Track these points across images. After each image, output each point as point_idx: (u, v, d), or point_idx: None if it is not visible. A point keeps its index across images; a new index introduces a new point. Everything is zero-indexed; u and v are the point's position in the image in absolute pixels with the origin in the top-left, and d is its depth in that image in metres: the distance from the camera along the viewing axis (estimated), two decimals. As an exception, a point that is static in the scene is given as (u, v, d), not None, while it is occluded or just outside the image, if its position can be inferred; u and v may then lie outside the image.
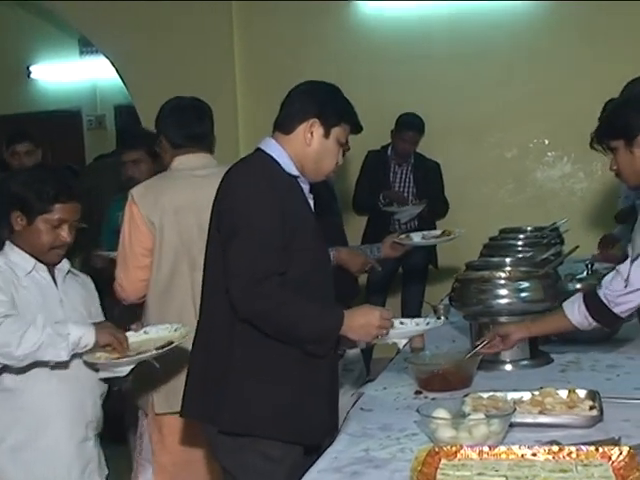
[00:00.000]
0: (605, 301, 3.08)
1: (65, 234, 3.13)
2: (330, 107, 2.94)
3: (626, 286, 3.01)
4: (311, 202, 3.01)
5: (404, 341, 3.12)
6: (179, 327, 3.24)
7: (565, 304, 3.24)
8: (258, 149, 2.97)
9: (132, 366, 3.09)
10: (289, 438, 2.84)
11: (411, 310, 6.55)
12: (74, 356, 3.03)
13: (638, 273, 2.99)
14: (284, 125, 2.96)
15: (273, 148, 2.93)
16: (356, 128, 3.05)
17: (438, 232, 4.37)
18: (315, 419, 2.89)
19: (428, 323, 3.21)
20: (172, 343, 3.12)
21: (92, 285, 3.42)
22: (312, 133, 2.91)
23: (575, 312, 3.16)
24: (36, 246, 3.13)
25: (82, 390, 3.16)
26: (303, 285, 2.83)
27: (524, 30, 7.36)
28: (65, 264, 3.25)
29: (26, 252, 3.14)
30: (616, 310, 3.09)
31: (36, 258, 3.15)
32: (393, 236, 4.23)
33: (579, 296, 3.19)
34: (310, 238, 2.89)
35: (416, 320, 3.21)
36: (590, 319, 3.13)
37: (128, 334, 3.18)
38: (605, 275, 3.19)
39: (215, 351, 2.86)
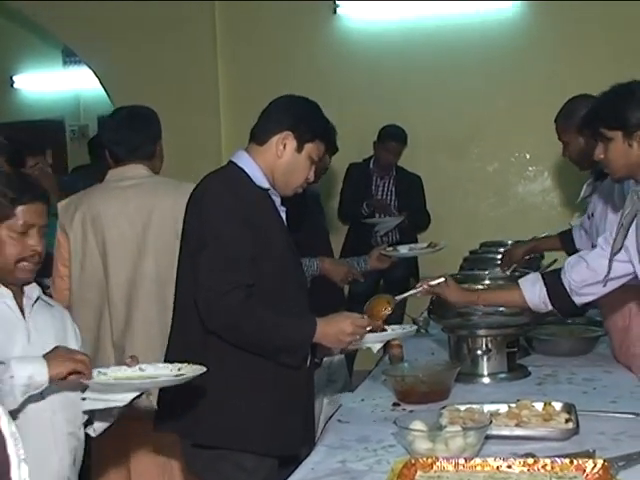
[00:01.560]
0: (568, 289, 3.10)
1: (34, 241, 2.53)
2: (306, 122, 2.94)
3: (605, 285, 3.03)
4: (283, 215, 3.01)
5: (378, 345, 3.07)
6: (182, 367, 2.54)
7: (522, 282, 3.23)
8: (230, 162, 2.98)
9: (136, 393, 2.48)
10: (263, 450, 2.84)
11: (392, 322, 6.55)
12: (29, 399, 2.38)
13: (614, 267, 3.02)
14: (258, 136, 2.97)
15: (244, 161, 2.94)
16: (332, 148, 3.07)
17: (424, 244, 4.38)
18: (290, 432, 2.88)
19: (404, 328, 3.22)
20: (183, 375, 2.49)
21: (69, 319, 2.78)
22: (285, 145, 2.92)
23: (535, 294, 3.17)
24: None
25: (45, 442, 2.53)
26: (274, 296, 2.83)
27: (507, 44, 7.39)
28: (35, 289, 2.62)
29: None
30: (576, 300, 3.11)
31: None
32: (380, 248, 4.24)
33: (538, 278, 3.20)
34: (281, 250, 2.89)
35: (392, 326, 3.20)
36: (548, 304, 3.15)
37: (122, 368, 2.56)
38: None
39: None
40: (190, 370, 2.49)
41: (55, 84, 9.98)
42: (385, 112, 7.28)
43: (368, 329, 2.91)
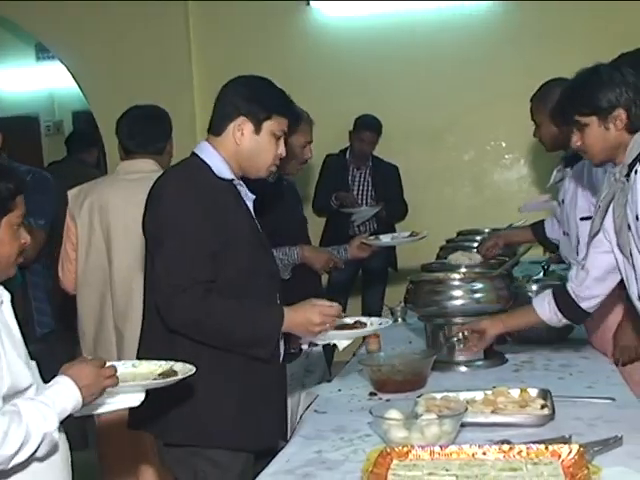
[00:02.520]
0: (573, 296, 3.12)
1: (25, 233, 2.38)
2: (258, 102, 2.86)
3: (582, 267, 3.05)
4: (250, 204, 2.96)
5: (345, 343, 2.99)
6: (173, 364, 2.48)
7: (535, 300, 3.27)
8: (193, 154, 2.92)
9: (144, 394, 2.40)
10: (236, 446, 2.80)
11: (371, 312, 6.56)
12: None
13: (593, 256, 3.03)
14: (215, 127, 2.92)
15: (206, 153, 2.89)
16: (293, 117, 2.98)
17: (407, 233, 4.35)
18: (264, 425, 2.84)
19: (380, 323, 3.09)
20: (176, 374, 2.43)
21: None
22: (242, 131, 2.86)
23: (545, 309, 3.19)
24: None
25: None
26: (240, 289, 2.78)
27: (481, 34, 7.39)
28: None
29: None
30: (583, 305, 3.12)
31: None
32: (361, 237, 4.23)
33: (548, 293, 3.22)
34: (246, 241, 2.84)
35: (372, 319, 3.12)
36: (560, 315, 3.17)
37: (116, 364, 2.40)
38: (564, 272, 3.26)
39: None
40: (181, 368, 2.44)
41: (29, 80, 9.92)
42: (361, 103, 7.26)
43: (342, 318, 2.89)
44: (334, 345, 2.99)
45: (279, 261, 3.56)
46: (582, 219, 3.55)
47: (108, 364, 2.33)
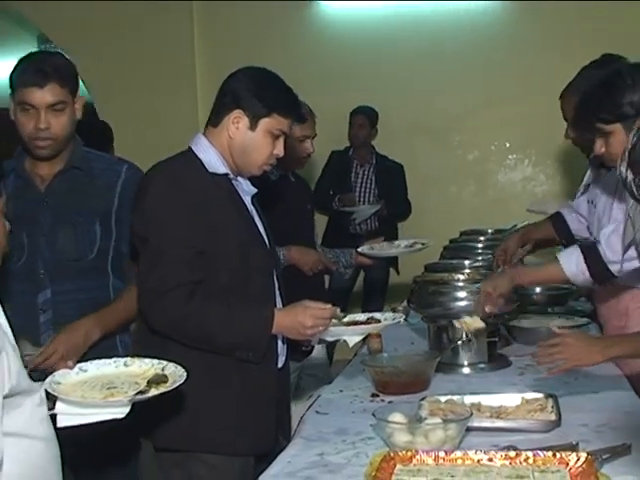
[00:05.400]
0: (603, 255, 3.01)
1: (5, 220, 2.21)
2: (258, 97, 2.75)
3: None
4: (247, 199, 2.86)
5: (356, 339, 2.94)
6: (165, 365, 2.31)
7: (561, 256, 3.16)
8: (188, 147, 2.83)
9: (130, 406, 2.19)
10: (230, 451, 2.74)
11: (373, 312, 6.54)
12: None
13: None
14: (213, 117, 2.83)
15: (200, 146, 2.80)
16: (295, 119, 2.86)
17: (407, 242, 4.15)
18: (260, 429, 2.77)
19: (394, 318, 3.04)
20: (166, 381, 2.25)
21: None
22: (237, 125, 2.76)
23: (572, 264, 3.08)
24: None
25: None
26: (233, 290, 2.70)
27: (489, 33, 7.38)
28: None
29: None
30: (612, 267, 3.01)
31: None
32: (372, 241, 4.06)
33: (576, 248, 3.13)
34: (239, 241, 2.74)
35: (386, 315, 3.08)
36: (586, 272, 3.06)
37: (103, 362, 2.33)
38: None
39: None
40: (172, 372, 2.29)
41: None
42: (364, 100, 7.24)
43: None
44: (344, 342, 2.92)
45: None
46: None
47: (101, 360, 2.31)
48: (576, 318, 3.89)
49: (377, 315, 3.07)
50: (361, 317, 3.03)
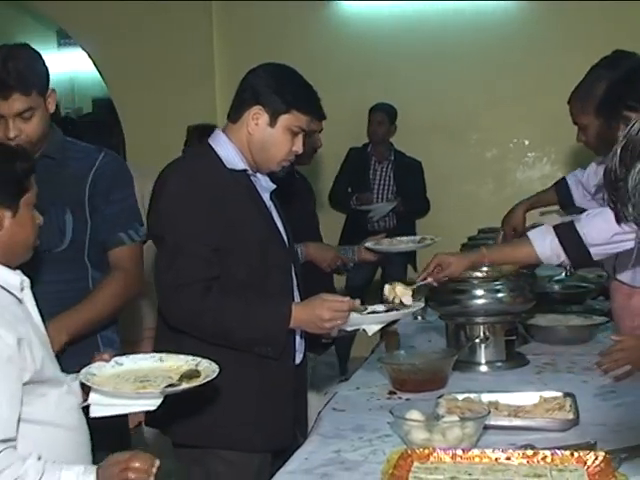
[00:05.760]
0: (583, 239, 2.96)
1: (38, 213, 2.34)
2: (277, 94, 2.75)
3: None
4: (265, 195, 2.86)
5: (375, 328, 2.89)
6: (199, 362, 2.36)
7: (532, 235, 3.11)
8: (207, 143, 2.83)
9: (161, 398, 2.21)
10: (248, 448, 2.74)
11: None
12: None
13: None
14: (232, 113, 2.83)
15: (218, 142, 2.80)
16: (315, 115, 2.86)
17: (413, 238, 4.13)
18: (277, 426, 2.78)
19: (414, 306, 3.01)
20: (199, 376, 2.28)
21: None
22: (257, 121, 2.76)
23: (546, 247, 3.04)
24: (19, 245, 2.28)
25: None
26: (252, 286, 2.71)
27: (507, 31, 7.36)
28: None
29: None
30: (592, 250, 2.97)
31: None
32: (375, 237, 4.06)
33: (549, 229, 3.06)
34: (258, 237, 2.74)
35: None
36: (562, 254, 3.01)
37: (138, 357, 2.40)
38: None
39: None
40: (205, 368, 2.33)
41: (49, 66, 9.89)
42: (382, 98, 7.25)
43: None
44: (363, 330, 2.88)
45: None
46: None
47: (138, 355, 2.37)
48: (594, 317, 3.88)
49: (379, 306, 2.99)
50: (381, 308, 3.00)
